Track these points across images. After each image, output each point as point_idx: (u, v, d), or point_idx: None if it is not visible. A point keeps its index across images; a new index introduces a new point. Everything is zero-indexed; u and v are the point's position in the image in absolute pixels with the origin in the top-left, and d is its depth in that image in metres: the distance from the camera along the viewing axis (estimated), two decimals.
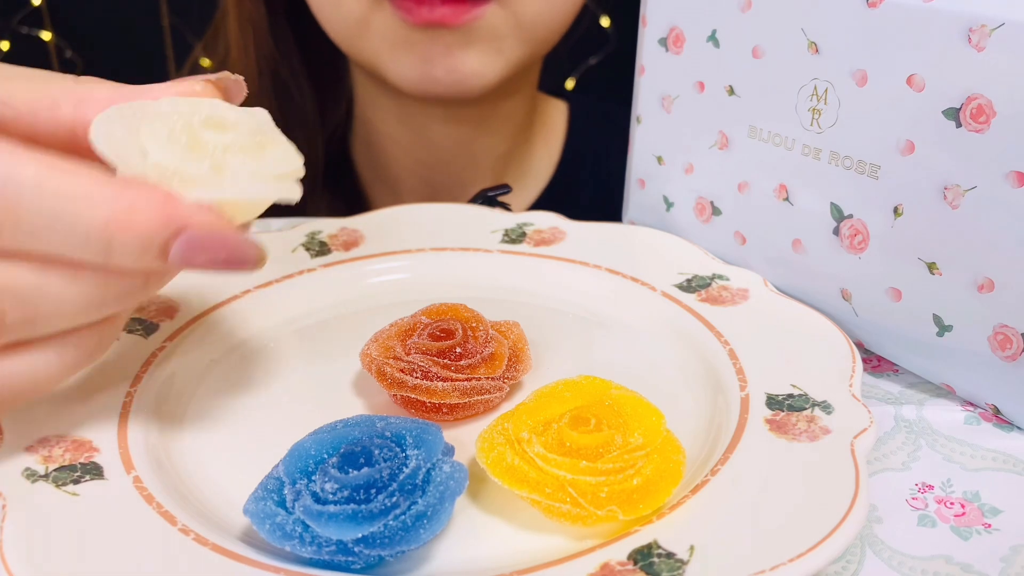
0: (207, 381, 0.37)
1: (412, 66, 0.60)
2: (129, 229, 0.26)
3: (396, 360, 0.34)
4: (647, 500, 0.28)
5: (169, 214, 0.26)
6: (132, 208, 0.26)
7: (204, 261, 0.27)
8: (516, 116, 0.72)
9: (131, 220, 0.26)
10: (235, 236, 0.27)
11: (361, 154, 0.76)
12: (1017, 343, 0.33)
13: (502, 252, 0.45)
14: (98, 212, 0.25)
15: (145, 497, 0.29)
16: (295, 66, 0.69)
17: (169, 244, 0.26)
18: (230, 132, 0.29)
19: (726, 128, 0.43)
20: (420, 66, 0.60)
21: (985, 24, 0.31)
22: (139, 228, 0.26)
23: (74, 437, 0.32)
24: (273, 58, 0.69)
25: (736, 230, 0.44)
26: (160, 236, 0.26)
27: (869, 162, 0.36)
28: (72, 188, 0.25)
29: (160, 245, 0.26)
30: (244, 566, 0.27)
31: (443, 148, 0.71)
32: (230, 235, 0.27)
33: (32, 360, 0.28)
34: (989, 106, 0.32)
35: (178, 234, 0.26)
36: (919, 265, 0.36)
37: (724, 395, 0.35)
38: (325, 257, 0.45)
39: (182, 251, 0.26)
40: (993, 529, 0.30)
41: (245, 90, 0.31)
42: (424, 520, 0.27)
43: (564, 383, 0.33)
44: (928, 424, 0.35)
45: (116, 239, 0.26)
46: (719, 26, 0.42)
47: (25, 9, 1.09)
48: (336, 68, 0.73)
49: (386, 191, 0.75)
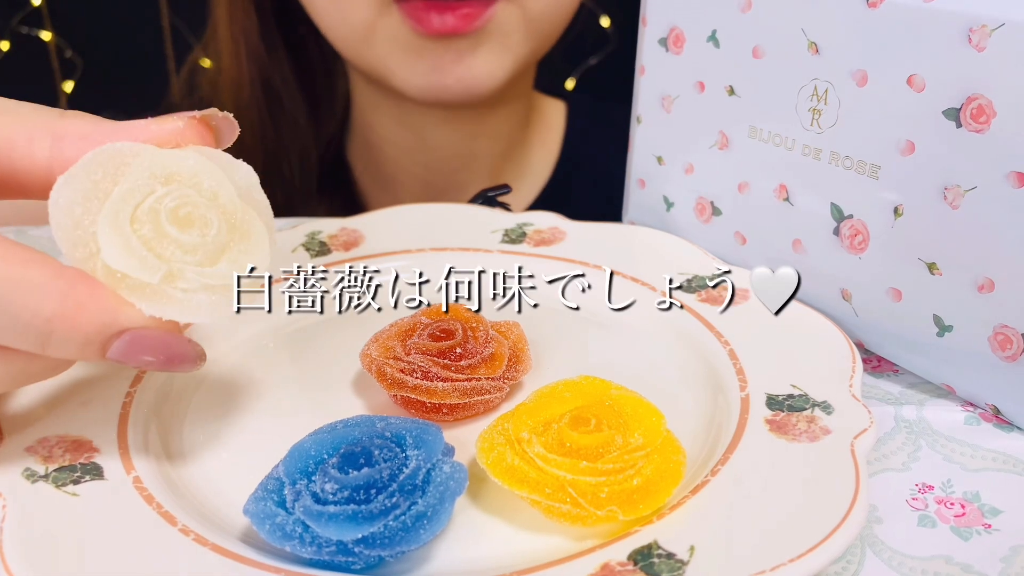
0: (207, 381, 0.37)
1: (421, 74, 0.59)
2: (73, 327, 0.26)
3: (396, 360, 0.34)
4: (647, 500, 0.28)
5: (114, 318, 0.26)
6: (79, 306, 0.26)
7: (142, 359, 0.27)
8: (514, 117, 0.72)
9: (76, 318, 0.26)
10: (175, 339, 0.28)
11: (359, 159, 0.76)
12: (1017, 343, 0.33)
13: (502, 252, 0.45)
14: (45, 305, 0.26)
15: (145, 497, 0.29)
16: (286, 74, 0.69)
17: (109, 343, 0.27)
18: (196, 230, 0.28)
19: (726, 128, 0.43)
20: (430, 74, 0.59)
21: (985, 24, 0.31)
22: (83, 328, 0.26)
23: (74, 437, 0.32)
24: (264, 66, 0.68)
25: (736, 230, 0.44)
26: (102, 336, 0.27)
27: (869, 162, 0.36)
28: (22, 278, 0.25)
29: (101, 343, 0.27)
30: (244, 566, 0.27)
31: (441, 150, 0.71)
32: (170, 339, 0.28)
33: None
34: (989, 106, 0.32)
35: (120, 335, 0.27)
36: (919, 265, 0.36)
37: (724, 395, 0.35)
38: (325, 257, 0.45)
39: (122, 350, 0.27)
40: (993, 529, 0.30)
41: (237, 129, 0.31)
42: (424, 520, 0.27)
43: (564, 383, 0.33)
44: (928, 424, 0.35)
45: (57, 333, 0.26)
46: (719, 26, 0.42)
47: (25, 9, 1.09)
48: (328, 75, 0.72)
49: (384, 195, 0.75)
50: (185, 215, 0.28)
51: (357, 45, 0.61)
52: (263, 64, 0.68)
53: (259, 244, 0.29)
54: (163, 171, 0.28)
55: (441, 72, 0.59)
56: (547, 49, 0.66)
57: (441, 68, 0.59)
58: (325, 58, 0.69)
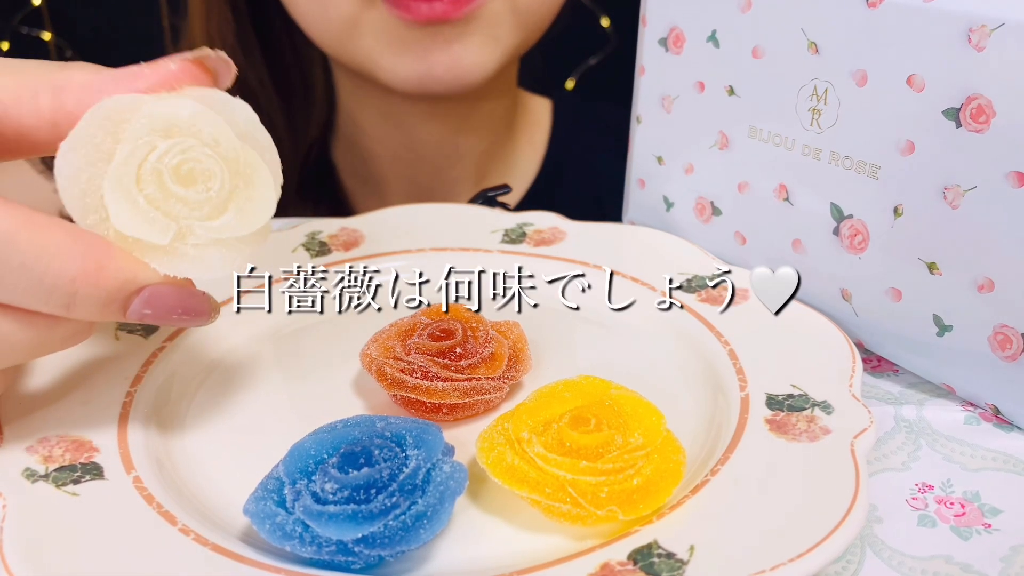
0: (207, 381, 0.37)
1: (409, 65, 0.59)
2: (96, 285, 0.27)
3: (396, 360, 0.34)
4: (647, 500, 0.28)
5: (133, 275, 0.28)
6: (100, 267, 0.27)
7: (161, 316, 0.29)
8: (497, 113, 0.72)
9: (98, 278, 0.27)
10: (191, 294, 0.29)
11: (344, 159, 0.75)
12: (1017, 343, 0.33)
13: (502, 252, 0.45)
14: (68, 267, 0.27)
15: (145, 497, 0.29)
16: (262, 75, 0.68)
17: (130, 301, 0.28)
18: (200, 186, 0.28)
19: (726, 128, 0.43)
20: (417, 65, 0.58)
21: (985, 24, 0.31)
22: (105, 285, 0.27)
23: (74, 437, 0.32)
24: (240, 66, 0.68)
25: (736, 230, 0.44)
26: (123, 293, 0.28)
27: (869, 162, 0.36)
28: (45, 242, 0.26)
29: (122, 301, 0.28)
30: (244, 566, 0.27)
31: (427, 146, 0.70)
32: (186, 293, 0.29)
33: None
34: (989, 106, 0.32)
35: (139, 292, 0.28)
36: (919, 265, 0.36)
37: (724, 395, 0.35)
38: (325, 257, 0.45)
39: (141, 307, 0.28)
40: (993, 529, 0.30)
41: (233, 68, 0.31)
42: (424, 520, 0.27)
43: (564, 383, 0.33)
44: (928, 424, 0.35)
45: (81, 294, 0.27)
46: (719, 26, 0.42)
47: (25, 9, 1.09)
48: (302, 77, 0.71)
49: (371, 195, 0.75)
50: (188, 171, 0.28)
51: (341, 40, 0.60)
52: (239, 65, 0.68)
53: (263, 187, 0.30)
54: (162, 124, 0.28)
55: (428, 61, 0.58)
56: (534, 41, 0.65)
57: (428, 57, 0.58)
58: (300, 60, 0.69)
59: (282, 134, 0.70)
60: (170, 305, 0.29)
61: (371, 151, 0.72)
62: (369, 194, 0.75)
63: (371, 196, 0.75)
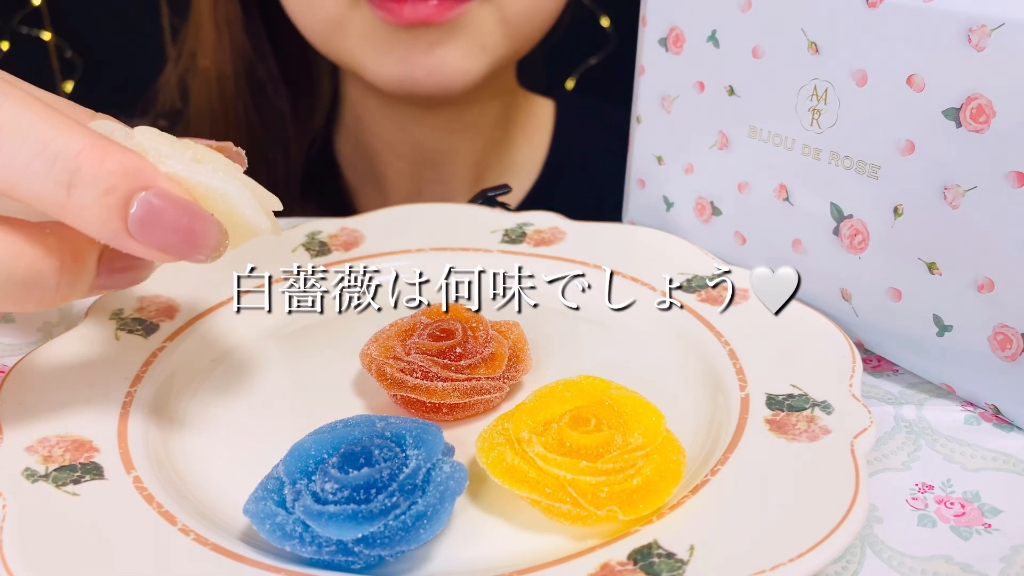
0: (207, 381, 0.37)
1: (391, 66, 0.59)
2: (100, 164, 0.26)
3: (396, 360, 0.34)
4: (647, 500, 0.28)
5: (140, 168, 0.26)
6: (106, 150, 0.26)
7: (164, 228, 0.26)
8: (493, 114, 0.72)
9: (103, 158, 0.26)
10: (200, 214, 0.27)
11: (347, 155, 0.76)
12: (1017, 343, 0.33)
13: (502, 252, 0.45)
14: (74, 142, 0.26)
15: (145, 497, 0.29)
16: (270, 65, 0.69)
17: (132, 197, 0.26)
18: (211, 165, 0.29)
19: (726, 128, 0.43)
20: (399, 66, 0.59)
21: (985, 24, 0.31)
22: (110, 167, 0.26)
23: (74, 437, 0.32)
24: (249, 58, 0.68)
25: (736, 230, 0.44)
26: (126, 184, 0.26)
27: (869, 162, 0.36)
28: (54, 119, 0.26)
29: (124, 194, 0.26)
30: (244, 566, 0.27)
31: (423, 145, 0.71)
32: (194, 206, 0.27)
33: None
34: (989, 106, 0.32)
35: (144, 189, 0.26)
36: (919, 265, 0.36)
37: (724, 395, 0.35)
38: (325, 257, 0.45)
39: (143, 212, 0.26)
40: (993, 529, 0.30)
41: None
42: (424, 520, 0.27)
43: (564, 383, 0.33)
44: (928, 424, 0.35)
45: (83, 171, 0.25)
46: (719, 26, 0.42)
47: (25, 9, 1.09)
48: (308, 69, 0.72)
49: (374, 191, 0.75)
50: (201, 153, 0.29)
51: (328, 38, 0.61)
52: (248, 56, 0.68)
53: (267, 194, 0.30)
54: None
55: (411, 63, 0.59)
56: (528, 49, 0.65)
57: (411, 59, 0.58)
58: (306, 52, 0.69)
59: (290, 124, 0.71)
60: (175, 216, 0.26)
61: (373, 148, 0.73)
62: (371, 191, 0.75)
63: (373, 193, 0.75)
